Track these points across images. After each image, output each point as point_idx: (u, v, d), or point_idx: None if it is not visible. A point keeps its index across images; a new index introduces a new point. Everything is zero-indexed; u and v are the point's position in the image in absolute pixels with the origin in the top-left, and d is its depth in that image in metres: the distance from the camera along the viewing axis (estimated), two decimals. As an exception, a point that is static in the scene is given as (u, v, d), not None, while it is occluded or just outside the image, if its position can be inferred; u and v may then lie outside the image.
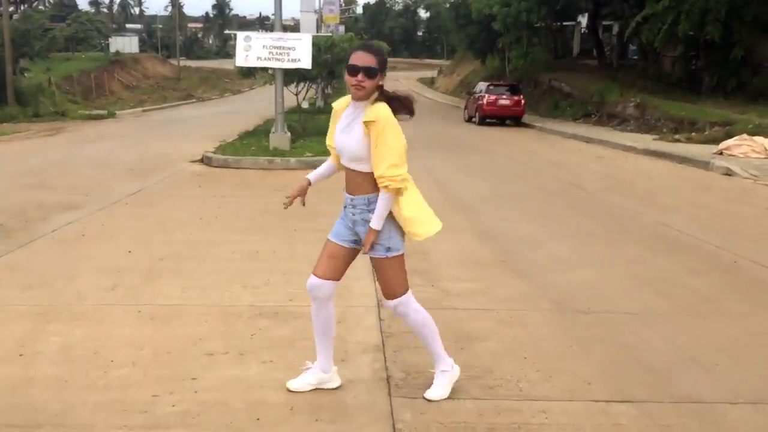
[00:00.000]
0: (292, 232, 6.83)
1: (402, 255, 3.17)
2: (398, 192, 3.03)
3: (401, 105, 3.09)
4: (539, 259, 6.09)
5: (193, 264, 5.59)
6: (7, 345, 3.82)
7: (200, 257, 5.82)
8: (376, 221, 3.05)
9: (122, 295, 4.74)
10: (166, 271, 5.34)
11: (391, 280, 3.17)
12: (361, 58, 3.00)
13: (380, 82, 3.05)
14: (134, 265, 5.50)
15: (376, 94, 3.06)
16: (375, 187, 3.06)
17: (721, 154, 14.40)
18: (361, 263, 5.60)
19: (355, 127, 3.05)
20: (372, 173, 3.03)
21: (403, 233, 3.15)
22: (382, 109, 3.00)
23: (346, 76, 3.06)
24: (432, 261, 5.90)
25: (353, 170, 3.11)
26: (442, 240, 6.74)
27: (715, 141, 16.32)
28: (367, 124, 2.99)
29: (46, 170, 11.57)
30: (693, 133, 18.43)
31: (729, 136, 16.17)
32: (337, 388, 3.35)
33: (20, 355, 3.68)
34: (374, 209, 3.06)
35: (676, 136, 18.27)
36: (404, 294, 3.20)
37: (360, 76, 2.99)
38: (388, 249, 3.11)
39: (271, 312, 4.43)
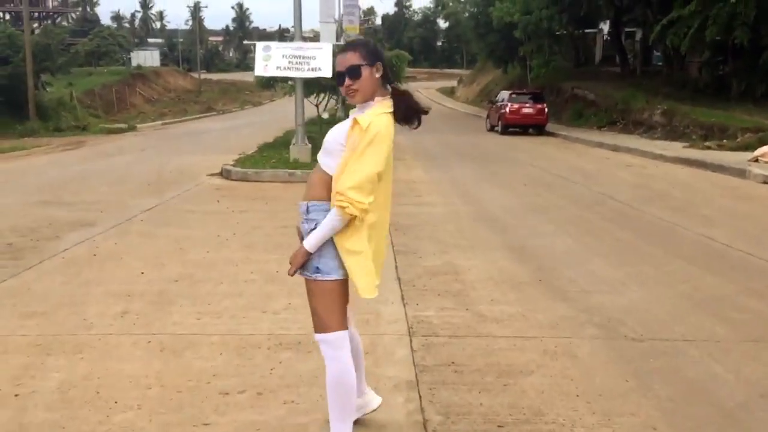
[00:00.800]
0: (314, 250, 6.45)
1: (336, 282, 2.57)
2: (357, 223, 2.49)
3: (408, 108, 2.59)
4: (579, 277, 5.65)
5: (209, 287, 5.23)
6: (2, 383, 3.47)
7: (216, 279, 5.46)
8: (311, 241, 2.49)
9: (131, 323, 4.38)
10: (180, 296, 4.98)
11: (318, 309, 2.60)
12: (341, 61, 2.59)
13: (378, 74, 2.59)
14: (146, 289, 5.15)
15: (387, 102, 2.59)
16: (321, 194, 2.55)
17: (756, 161, 13.82)
18: (390, 284, 5.26)
19: (348, 121, 2.60)
20: (331, 179, 2.53)
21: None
22: (381, 120, 2.52)
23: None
24: (464, 281, 5.49)
25: (318, 165, 2.62)
26: (474, 257, 6.37)
27: (748, 148, 15.78)
28: (355, 123, 2.51)
29: (62, 185, 11.35)
30: (724, 140, 17.86)
31: (762, 142, 15.60)
32: (378, 408, 3.03)
33: (15, 395, 3.32)
34: (311, 220, 2.55)
35: (707, 143, 17.72)
36: (336, 331, 2.59)
37: (347, 81, 2.57)
38: (317, 270, 2.55)
39: (293, 341, 4.04)
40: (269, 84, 18.03)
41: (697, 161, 14.72)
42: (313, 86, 16.12)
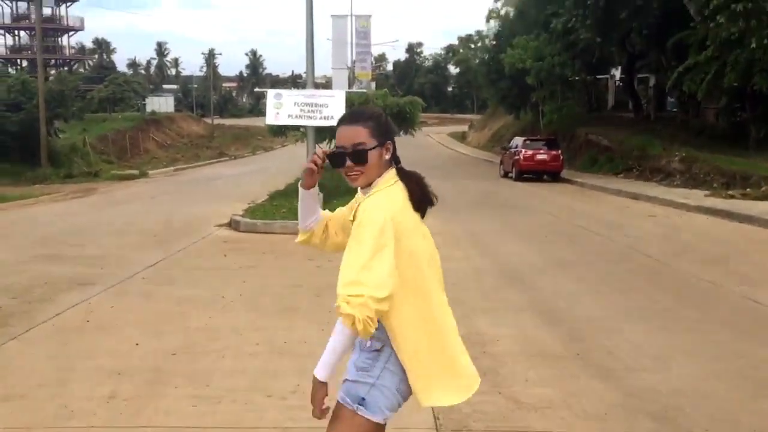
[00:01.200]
0: (327, 314, 5.90)
1: (375, 426, 2.08)
2: (358, 327, 1.92)
3: (423, 192, 2.14)
4: (619, 349, 5.09)
5: (209, 361, 4.71)
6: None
7: (218, 351, 4.94)
8: (321, 367, 2.01)
9: (118, 410, 3.84)
10: (176, 373, 4.45)
11: None
12: (345, 135, 2.10)
13: (387, 156, 2.12)
14: (139, 364, 4.63)
15: (391, 172, 2.13)
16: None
17: (786, 211, 13.26)
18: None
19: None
20: None
21: (400, 394, 2.11)
22: (378, 198, 2.06)
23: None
24: (493, 354, 4.94)
25: None
26: (501, 323, 5.82)
27: (774, 197, 15.26)
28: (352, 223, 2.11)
29: (65, 237, 10.94)
30: (748, 189, 17.30)
31: (789, 191, 15.10)
32: None
33: None
34: (363, 348, 2.08)
35: (730, 192, 17.18)
36: None
37: (349, 162, 2.09)
38: (361, 401, 2.06)
39: (302, 436, 3.50)
40: (281, 131, 17.77)
41: (722, 211, 14.14)
42: (325, 132, 15.79)
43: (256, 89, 59.68)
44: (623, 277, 7.93)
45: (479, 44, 63.42)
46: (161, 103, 66.88)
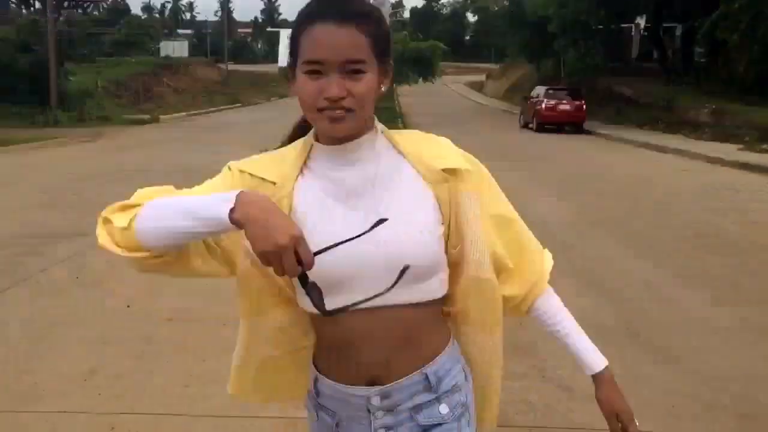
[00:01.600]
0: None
1: None
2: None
3: None
4: (680, 325, 4.44)
5: (209, 330, 4.10)
6: None
7: (221, 317, 4.34)
8: (595, 353, 1.33)
9: (96, 391, 3.26)
10: (168, 344, 3.87)
11: None
12: (331, 42, 1.12)
13: (384, 87, 1.20)
14: (127, 333, 4.04)
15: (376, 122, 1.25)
16: (445, 333, 1.29)
17: (831, 167, 12.44)
18: None
19: (402, 192, 1.21)
20: (439, 300, 1.25)
21: None
22: (454, 149, 1.30)
23: (301, 90, 1.22)
24: (533, 328, 4.31)
25: (396, 306, 1.17)
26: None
27: (814, 151, 14.40)
28: (453, 174, 1.24)
29: (66, 185, 10.34)
30: (784, 142, 16.43)
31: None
32: None
33: None
34: (449, 394, 1.24)
35: (765, 146, 16.27)
36: None
37: (336, 89, 1.13)
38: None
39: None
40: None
41: (759, 166, 13.31)
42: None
43: (269, 29, 58.15)
44: (667, 239, 7.23)
45: (500, -10, 61.31)
46: (175, 48, 65.47)
